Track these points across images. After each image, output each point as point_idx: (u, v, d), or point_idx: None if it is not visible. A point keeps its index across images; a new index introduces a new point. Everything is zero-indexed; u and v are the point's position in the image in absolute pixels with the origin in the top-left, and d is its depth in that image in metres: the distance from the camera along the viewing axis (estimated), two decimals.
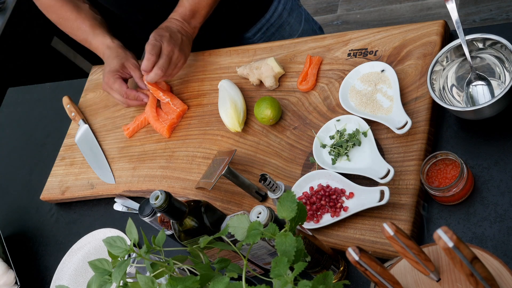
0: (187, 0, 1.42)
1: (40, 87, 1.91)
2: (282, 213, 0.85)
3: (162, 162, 1.43)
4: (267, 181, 1.11)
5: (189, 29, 1.43)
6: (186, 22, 1.42)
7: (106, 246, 0.92)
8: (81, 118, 1.62)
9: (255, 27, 1.62)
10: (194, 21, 1.43)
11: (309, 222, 1.15)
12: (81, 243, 1.45)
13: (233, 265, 0.95)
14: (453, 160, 1.06)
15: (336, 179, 1.16)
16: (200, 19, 1.44)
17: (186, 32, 1.42)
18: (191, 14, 1.42)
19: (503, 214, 1.03)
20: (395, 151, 1.15)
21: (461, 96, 1.16)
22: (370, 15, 2.84)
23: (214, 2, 1.44)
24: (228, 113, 1.35)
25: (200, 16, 1.43)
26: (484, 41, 1.12)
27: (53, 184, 1.57)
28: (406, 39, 1.26)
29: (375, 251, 1.08)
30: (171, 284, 0.84)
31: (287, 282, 0.79)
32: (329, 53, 1.35)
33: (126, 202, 1.46)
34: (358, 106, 1.23)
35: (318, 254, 1.02)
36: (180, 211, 1.03)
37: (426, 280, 0.85)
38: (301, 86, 1.33)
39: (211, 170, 1.28)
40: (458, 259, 0.69)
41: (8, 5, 2.56)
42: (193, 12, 1.42)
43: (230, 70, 1.47)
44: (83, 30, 1.53)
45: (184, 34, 1.41)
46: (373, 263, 0.77)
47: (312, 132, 1.27)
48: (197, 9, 1.42)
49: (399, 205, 1.09)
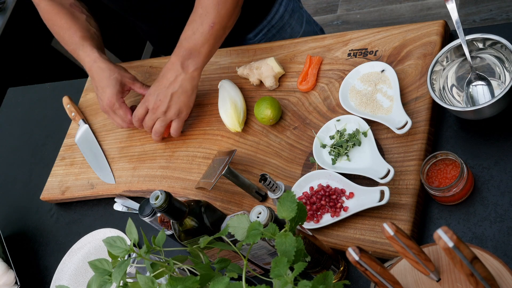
0: (184, 38, 1.31)
1: (40, 87, 1.90)
2: (282, 213, 0.85)
3: (162, 162, 1.43)
4: (267, 181, 1.11)
5: (186, 77, 1.32)
6: (183, 67, 1.31)
7: (106, 246, 0.92)
8: (81, 118, 1.62)
9: (257, 29, 1.61)
10: (193, 64, 1.31)
11: (309, 222, 1.15)
12: (81, 243, 1.45)
13: (233, 265, 0.95)
14: (453, 160, 1.06)
15: (336, 179, 1.16)
16: (201, 59, 1.32)
17: (180, 83, 1.32)
18: (189, 55, 1.31)
19: (503, 214, 1.03)
20: (395, 151, 1.15)
21: (461, 96, 1.16)
22: (370, 15, 2.84)
23: (214, 38, 1.30)
24: (228, 113, 1.35)
25: (200, 55, 1.31)
26: (484, 41, 1.12)
27: (53, 184, 1.57)
28: (406, 39, 1.26)
29: (375, 251, 1.08)
30: (171, 284, 0.84)
31: (287, 282, 0.79)
32: (329, 53, 1.35)
33: (126, 202, 1.46)
34: (358, 106, 1.23)
35: (318, 254, 1.02)
36: (180, 211, 1.03)
37: (426, 280, 0.85)
38: (301, 86, 1.33)
39: (211, 170, 1.28)
40: (458, 259, 0.69)
41: (8, 5, 2.56)
42: (191, 52, 1.31)
43: (230, 70, 1.47)
44: (73, 41, 1.49)
45: (178, 88, 1.33)
46: (373, 263, 0.77)
47: (312, 132, 1.27)
48: (195, 48, 1.30)
49: (399, 205, 1.09)
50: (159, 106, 1.35)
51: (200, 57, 1.32)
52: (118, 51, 2.87)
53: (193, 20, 1.31)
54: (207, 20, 1.29)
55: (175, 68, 1.32)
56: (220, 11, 1.29)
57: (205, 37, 1.30)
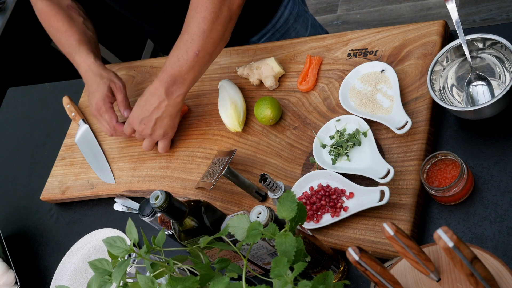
0: (169, 64, 1.29)
1: (40, 87, 1.91)
2: (282, 213, 0.85)
3: (162, 162, 1.43)
4: (267, 181, 1.11)
5: (170, 103, 1.31)
6: (167, 93, 1.30)
7: (106, 246, 0.92)
8: (81, 118, 1.62)
9: (261, 33, 1.61)
10: (177, 90, 1.30)
11: (309, 222, 1.15)
12: (81, 243, 1.45)
13: (233, 265, 0.95)
14: (453, 160, 1.06)
15: (336, 179, 1.16)
16: (185, 86, 1.30)
17: (164, 110, 1.32)
18: (173, 82, 1.29)
19: (503, 214, 1.03)
20: (395, 151, 1.15)
21: (461, 96, 1.16)
22: (370, 15, 2.84)
23: (199, 65, 1.28)
24: (228, 113, 1.35)
25: (184, 82, 1.29)
26: (484, 41, 1.12)
27: (53, 184, 1.57)
28: (406, 39, 1.26)
29: (375, 251, 1.08)
30: (171, 284, 0.84)
31: (287, 282, 0.79)
32: (329, 53, 1.35)
33: (126, 202, 1.46)
34: (358, 106, 1.23)
35: (318, 254, 1.02)
36: (180, 211, 1.03)
37: (426, 280, 0.85)
38: (301, 86, 1.33)
39: (211, 170, 1.28)
40: (458, 259, 0.69)
41: (8, 5, 2.56)
42: (175, 79, 1.29)
43: (230, 70, 1.47)
44: (69, 44, 1.49)
45: (161, 113, 1.32)
46: (373, 263, 0.77)
47: (312, 132, 1.27)
48: (179, 76, 1.28)
49: (399, 205, 1.09)
50: (143, 129, 1.36)
51: (184, 84, 1.30)
52: (118, 51, 2.87)
53: (178, 47, 1.28)
54: (193, 47, 1.26)
55: (158, 93, 1.31)
56: (206, 39, 1.26)
57: (189, 65, 1.27)
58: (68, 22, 1.51)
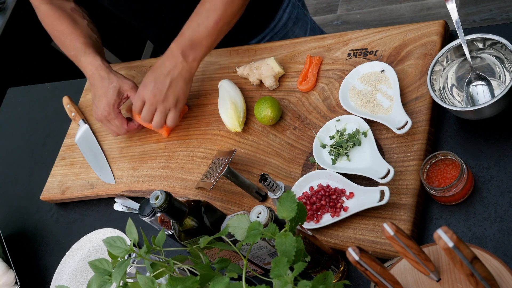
0: (188, 28, 1.32)
1: (40, 87, 1.90)
2: (282, 213, 0.85)
3: (162, 162, 1.43)
4: (267, 181, 1.11)
5: (186, 66, 1.32)
6: (184, 55, 1.31)
7: (106, 246, 0.92)
8: (81, 118, 1.62)
9: (259, 36, 1.61)
10: (193, 54, 1.32)
11: (309, 222, 1.15)
12: (81, 243, 1.45)
13: (233, 265, 0.95)
14: (453, 160, 1.06)
15: (336, 179, 1.16)
16: (202, 51, 1.33)
17: (180, 71, 1.32)
18: (190, 45, 1.32)
19: (503, 214, 1.03)
20: (395, 151, 1.15)
21: (461, 96, 1.16)
22: (370, 15, 2.84)
23: (217, 33, 1.32)
24: (228, 113, 1.35)
25: (201, 47, 1.32)
26: (484, 41, 1.12)
27: (53, 184, 1.57)
28: (406, 39, 1.26)
29: (375, 251, 1.08)
30: (171, 284, 0.84)
31: (287, 282, 0.79)
32: (329, 53, 1.35)
33: (126, 202, 1.46)
34: (358, 106, 1.23)
35: (318, 254, 1.02)
36: (180, 211, 1.03)
37: (426, 280, 0.85)
38: (301, 86, 1.33)
39: (211, 170, 1.28)
40: (458, 259, 0.69)
41: (8, 5, 2.56)
42: (193, 42, 1.31)
43: (230, 70, 1.47)
44: (74, 47, 1.48)
45: (177, 75, 1.32)
46: (373, 263, 0.77)
47: (312, 132, 1.27)
48: (197, 40, 1.31)
49: (399, 205, 1.09)
50: (156, 94, 1.33)
51: (201, 49, 1.33)
52: (118, 51, 2.87)
53: (199, 13, 1.32)
54: (214, 15, 1.30)
55: (174, 55, 1.32)
56: (227, 9, 1.30)
57: (209, 31, 1.31)
58: (73, 25, 1.51)
